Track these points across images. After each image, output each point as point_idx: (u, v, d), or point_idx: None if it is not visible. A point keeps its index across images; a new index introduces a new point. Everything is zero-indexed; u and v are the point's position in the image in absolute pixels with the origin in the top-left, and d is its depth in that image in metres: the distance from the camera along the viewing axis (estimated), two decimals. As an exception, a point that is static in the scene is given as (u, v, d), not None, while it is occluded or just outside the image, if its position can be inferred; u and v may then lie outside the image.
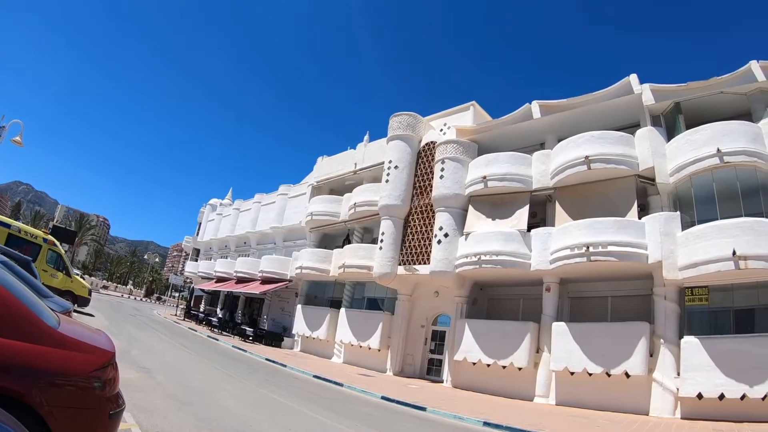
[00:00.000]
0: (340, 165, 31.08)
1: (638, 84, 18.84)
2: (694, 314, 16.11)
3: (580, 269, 17.93)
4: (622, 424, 13.95)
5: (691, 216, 16.91)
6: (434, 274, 21.48)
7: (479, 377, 20.01)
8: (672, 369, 15.72)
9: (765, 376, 13.99)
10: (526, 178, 20.57)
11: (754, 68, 17.22)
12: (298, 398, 13.50)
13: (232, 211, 43.61)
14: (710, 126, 16.75)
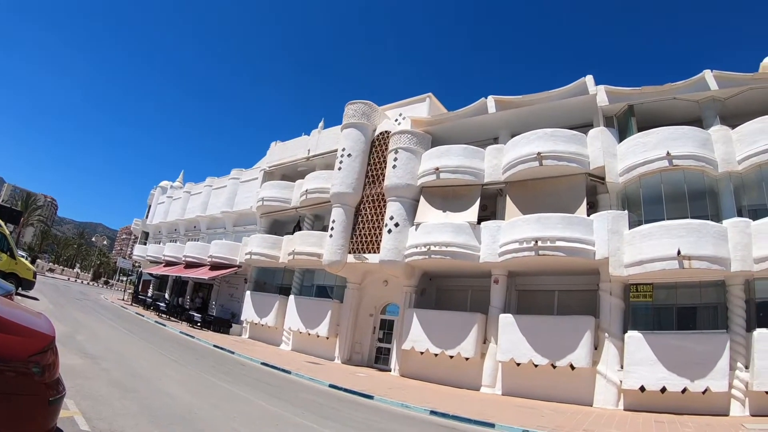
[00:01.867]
0: (294, 151, 29.83)
1: (593, 85, 18.76)
2: (638, 310, 16.37)
3: (528, 263, 17.79)
4: (566, 415, 13.90)
5: (638, 215, 17.12)
6: (384, 263, 20.82)
7: (427, 366, 19.63)
8: (616, 362, 15.89)
9: (705, 371, 14.35)
10: (479, 171, 20.17)
11: (707, 77, 17.58)
12: (245, 385, 13.12)
13: (183, 194, 41.55)
14: (662, 130, 17.03)
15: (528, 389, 17.00)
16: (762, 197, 16.28)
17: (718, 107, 17.90)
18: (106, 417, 7.39)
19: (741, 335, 14.96)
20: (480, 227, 19.15)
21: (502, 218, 19.23)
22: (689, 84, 17.85)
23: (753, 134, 16.40)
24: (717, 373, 14.35)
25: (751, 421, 13.35)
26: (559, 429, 11.76)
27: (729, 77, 17.64)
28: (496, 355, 17.69)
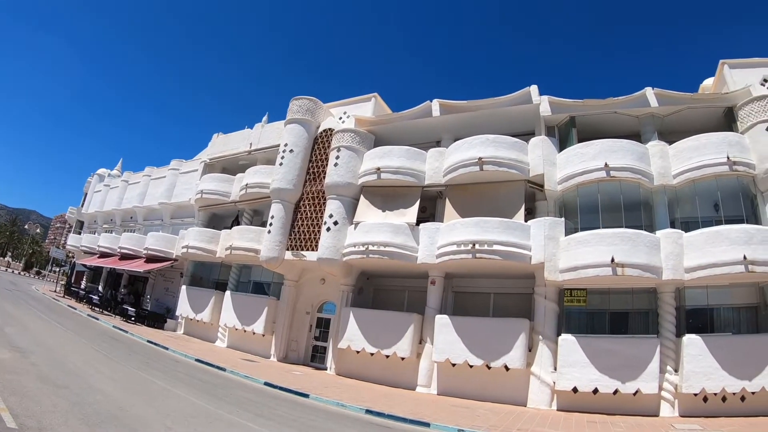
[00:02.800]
0: (236, 144, 28.51)
1: (538, 95, 18.99)
2: (572, 314, 16.66)
3: (465, 265, 17.66)
4: (501, 414, 13.92)
5: (575, 223, 17.37)
6: (321, 261, 20.14)
7: (363, 365, 19.22)
8: (549, 364, 16.12)
9: (637, 373, 14.85)
10: (419, 173, 19.88)
11: (648, 94, 18.25)
12: (179, 382, 12.83)
13: (121, 183, 39.14)
14: (601, 141, 17.44)
15: (463, 389, 16.94)
16: (694, 210, 16.94)
17: (657, 123, 18.53)
18: (35, 414, 7.20)
19: (671, 340, 15.57)
20: (419, 228, 18.89)
21: (441, 220, 19.05)
22: (630, 99, 18.39)
23: (689, 151, 17.09)
24: (648, 376, 14.86)
25: (680, 422, 13.90)
26: (493, 428, 11.77)
27: (669, 95, 18.29)
28: (432, 355, 17.49)
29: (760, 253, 15.10)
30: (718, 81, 20.17)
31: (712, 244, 15.50)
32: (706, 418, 14.34)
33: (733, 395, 14.69)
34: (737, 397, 14.74)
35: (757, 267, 14.90)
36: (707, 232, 15.85)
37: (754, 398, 14.69)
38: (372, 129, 22.07)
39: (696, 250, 15.71)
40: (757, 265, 14.92)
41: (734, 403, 14.82)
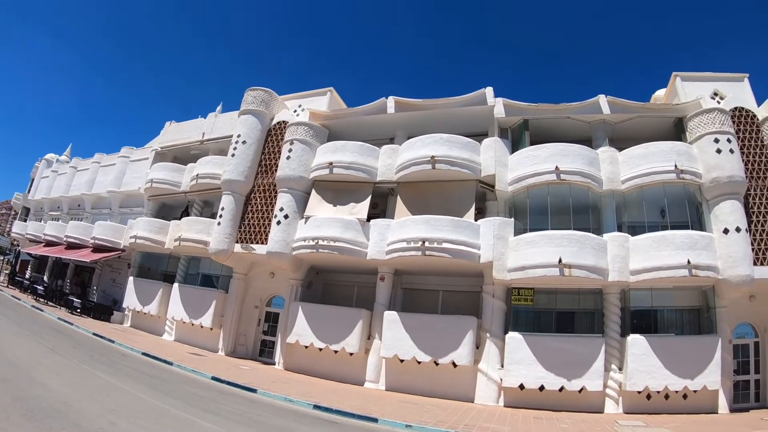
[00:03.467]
0: (188, 133, 27.26)
1: (492, 97, 18.99)
2: (519, 312, 17.03)
3: (414, 262, 17.44)
4: (448, 410, 13.95)
5: (524, 223, 17.43)
6: (271, 255, 19.43)
7: (311, 361, 18.75)
8: (497, 361, 16.31)
9: (582, 371, 15.24)
10: (372, 169, 19.50)
11: (601, 101, 18.59)
12: (125, 377, 12.52)
13: (69, 170, 36.99)
14: (553, 145, 17.57)
15: (411, 385, 16.87)
16: (641, 215, 17.32)
17: (608, 130, 18.85)
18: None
19: (616, 340, 15.98)
20: (369, 224, 18.52)
21: (392, 217, 18.74)
22: (584, 106, 18.64)
23: (638, 158, 17.46)
24: (593, 374, 15.25)
25: (624, 418, 14.32)
26: (441, 424, 11.81)
27: (621, 104, 18.60)
28: (380, 351, 17.29)
29: (704, 258, 15.67)
30: (670, 92, 20.66)
31: (658, 248, 15.96)
32: (650, 415, 14.88)
33: (676, 393, 15.26)
34: (680, 395, 15.31)
35: (700, 271, 15.48)
36: (653, 237, 16.28)
37: (695, 396, 15.30)
38: (326, 123, 21.46)
39: (642, 254, 16.16)
40: (700, 270, 15.50)
41: (677, 400, 15.37)
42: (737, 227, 16.20)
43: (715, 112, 17.56)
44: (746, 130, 18.10)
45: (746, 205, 16.95)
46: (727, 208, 16.53)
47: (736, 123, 18.05)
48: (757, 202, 17.25)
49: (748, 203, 17.09)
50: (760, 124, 18.20)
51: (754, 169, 17.59)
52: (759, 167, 17.65)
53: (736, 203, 16.56)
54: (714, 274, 15.72)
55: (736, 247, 15.99)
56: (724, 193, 16.64)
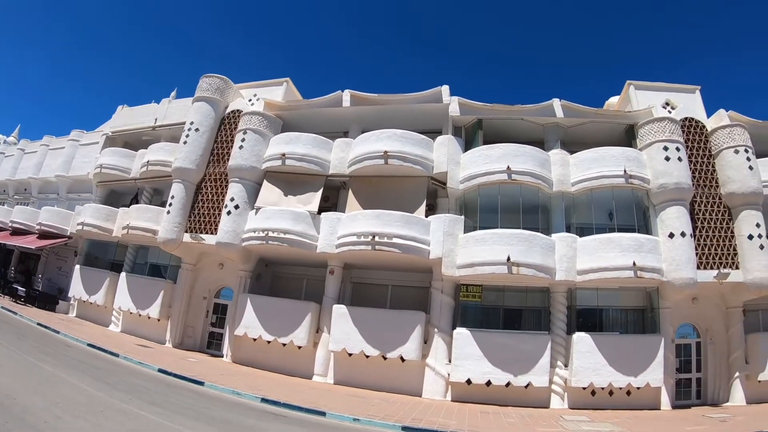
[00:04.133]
0: (140, 118, 26.21)
1: (448, 95, 19.01)
2: (467, 308, 17.03)
3: (364, 256, 17.32)
4: (396, 404, 14.01)
5: (474, 221, 17.47)
6: (220, 245, 18.90)
7: (260, 353, 18.40)
8: (444, 356, 16.41)
9: (528, 367, 15.54)
10: (325, 162, 19.23)
11: (555, 105, 18.83)
12: (70, 369, 12.20)
13: (16, 152, 35.06)
14: (505, 145, 17.68)
15: (359, 379, 16.82)
16: (590, 217, 17.67)
17: (560, 133, 19.11)
18: None
19: (562, 337, 16.33)
20: (320, 217, 18.29)
21: (343, 211, 18.52)
22: (538, 108, 18.87)
23: (589, 162, 17.80)
24: (539, 370, 15.55)
25: (569, 414, 14.79)
26: (388, 418, 11.86)
27: (575, 108, 18.92)
28: (329, 344, 17.16)
29: (649, 260, 16.12)
30: (623, 99, 21.14)
31: (605, 250, 16.36)
32: (594, 411, 15.32)
33: (620, 390, 15.74)
34: (623, 391, 15.79)
35: (645, 273, 15.95)
36: (600, 238, 16.66)
37: (639, 393, 15.79)
38: (281, 114, 21.00)
39: (589, 254, 16.55)
40: (645, 272, 15.96)
41: (621, 397, 15.85)
42: (682, 232, 16.62)
43: (666, 121, 18.02)
44: (695, 140, 18.67)
45: (692, 212, 17.49)
46: (673, 214, 16.96)
47: (685, 132, 18.62)
48: (703, 209, 17.75)
49: (693, 210, 17.61)
50: (709, 134, 18.86)
51: (700, 177, 18.13)
52: (706, 176, 18.19)
53: (682, 209, 17.02)
54: (658, 276, 16.17)
55: (680, 251, 16.45)
56: (670, 199, 17.09)
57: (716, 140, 18.55)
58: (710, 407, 16.75)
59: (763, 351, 17.23)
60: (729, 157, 18.06)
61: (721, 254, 17.34)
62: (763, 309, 19.06)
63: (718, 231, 17.60)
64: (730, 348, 17.60)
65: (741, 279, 16.99)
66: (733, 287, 17.33)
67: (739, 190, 17.56)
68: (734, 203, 17.78)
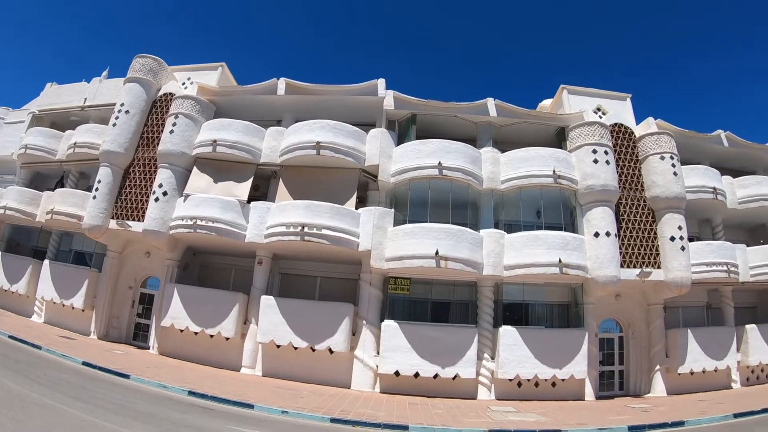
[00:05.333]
0: (69, 97, 24.71)
1: (384, 89, 18.98)
2: (396, 301, 17.14)
3: (293, 247, 17.07)
4: (324, 396, 14.05)
5: (404, 215, 17.57)
6: (147, 233, 18.12)
7: (187, 345, 17.82)
8: (373, 348, 16.54)
9: (456, 359, 15.83)
10: (256, 150, 18.79)
11: (489, 104, 19.10)
12: None
13: (-63, 128, 33.32)
14: (438, 141, 17.84)
15: (288, 371, 16.66)
16: (518, 215, 18.07)
17: (493, 131, 19.38)
18: None
19: (489, 330, 16.69)
20: (250, 207, 17.86)
21: (273, 200, 18.19)
22: (472, 107, 19.11)
23: (519, 160, 18.16)
24: (466, 362, 15.87)
25: (496, 404, 15.22)
26: (317, 410, 11.89)
27: (508, 108, 19.26)
28: (257, 336, 16.88)
29: (574, 258, 16.57)
30: (556, 103, 21.68)
31: (532, 247, 16.74)
32: (521, 401, 15.79)
33: (545, 381, 16.25)
34: (549, 383, 16.32)
35: (570, 270, 16.45)
36: (528, 235, 17.03)
37: (564, 384, 16.35)
38: (214, 99, 20.33)
39: (516, 251, 16.90)
40: (571, 268, 16.43)
41: (546, 388, 16.37)
42: (607, 232, 17.13)
43: (596, 126, 18.63)
44: (623, 145, 19.34)
45: (617, 213, 18.08)
46: (599, 214, 17.48)
47: (614, 137, 19.34)
48: (628, 210, 18.33)
49: (619, 211, 18.19)
50: (637, 140, 19.58)
51: (627, 180, 18.73)
52: (632, 179, 18.82)
53: (607, 210, 17.54)
54: (583, 273, 16.71)
55: (604, 249, 16.97)
56: (597, 200, 17.60)
57: (643, 146, 19.26)
58: (632, 398, 17.51)
59: (682, 345, 18.18)
60: (655, 163, 18.74)
61: (644, 254, 17.95)
62: (682, 306, 20.08)
63: (642, 232, 18.21)
64: (651, 342, 18.39)
65: (662, 278, 17.77)
66: (654, 285, 18.08)
67: (663, 194, 18.26)
68: (658, 206, 18.49)
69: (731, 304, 20.42)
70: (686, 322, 19.84)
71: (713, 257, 18.72)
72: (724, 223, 21.34)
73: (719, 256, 18.81)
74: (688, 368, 17.96)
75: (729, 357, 18.88)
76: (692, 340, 18.28)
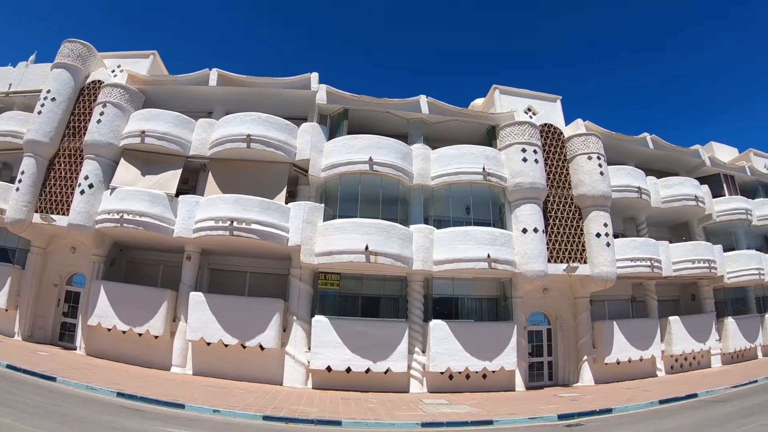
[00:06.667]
0: (-7, 82, 23.56)
1: (317, 83, 18.84)
2: (326, 296, 17.05)
3: (222, 242, 16.75)
4: (257, 394, 13.91)
5: (334, 210, 17.53)
6: (72, 228, 17.31)
7: (115, 345, 17.18)
8: (304, 344, 16.43)
9: (387, 354, 15.98)
10: (186, 142, 18.29)
11: (422, 101, 19.28)
12: None
13: None
14: (369, 137, 17.86)
15: (219, 369, 16.33)
16: (447, 211, 18.28)
17: (424, 128, 19.60)
18: None
19: (419, 324, 16.85)
20: (178, 200, 17.34)
21: (202, 194, 17.73)
22: (404, 103, 19.27)
23: (449, 158, 18.38)
24: (397, 356, 16.04)
25: (428, 397, 15.45)
26: (249, 408, 11.79)
27: (440, 106, 19.50)
28: (186, 334, 16.43)
29: (502, 253, 16.87)
30: (488, 102, 22.19)
31: (461, 242, 16.99)
32: (453, 394, 16.01)
33: (476, 373, 16.59)
34: (480, 375, 16.67)
35: (499, 265, 16.77)
36: (457, 231, 17.28)
37: (495, 376, 16.74)
38: (144, 88, 19.65)
39: (445, 246, 17.11)
40: (499, 263, 16.75)
41: (477, 380, 16.69)
42: (535, 228, 17.59)
43: (526, 125, 19.15)
44: (552, 145, 19.92)
45: (545, 210, 18.58)
46: (527, 211, 17.93)
47: (544, 137, 19.91)
48: (555, 207, 18.85)
49: (547, 208, 18.69)
50: (566, 141, 20.19)
51: (555, 179, 19.28)
52: (560, 178, 19.37)
53: (535, 207, 18.00)
54: (511, 268, 17.16)
55: (532, 245, 17.42)
56: (525, 197, 18.07)
57: (572, 146, 19.90)
58: (561, 387, 18.17)
59: (609, 336, 18.99)
60: (582, 163, 19.38)
61: (571, 250, 18.54)
62: (608, 299, 20.92)
63: (569, 228, 18.82)
64: (579, 334, 19.11)
65: (588, 272, 18.45)
66: (581, 280, 18.75)
67: (590, 193, 18.90)
68: (585, 204, 19.14)
69: (655, 297, 21.45)
70: (612, 315, 20.71)
71: (637, 253, 19.57)
72: (648, 221, 22.37)
73: (643, 252, 19.68)
74: (615, 358, 18.80)
75: (653, 347, 19.90)
76: (618, 332, 19.12)
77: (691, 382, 17.90)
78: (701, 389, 16.18)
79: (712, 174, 25.08)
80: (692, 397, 15.24)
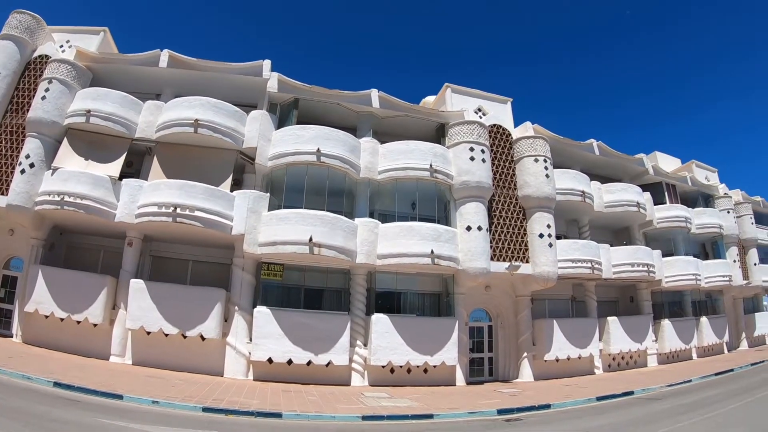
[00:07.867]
0: (-69, 53, 22.33)
1: (269, 70, 18.68)
2: (269, 287, 16.95)
3: (165, 228, 16.43)
4: (197, 385, 13.74)
5: (279, 200, 17.46)
6: (11, 209, 16.54)
7: (53, 332, 16.55)
8: (245, 335, 16.29)
9: (329, 346, 16.04)
10: (132, 124, 17.77)
11: (373, 95, 19.51)
12: None
13: None
14: (318, 128, 17.79)
15: (159, 359, 15.99)
16: (393, 205, 18.46)
17: (374, 122, 19.68)
18: None
19: (361, 317, 16.95)
20: (121, 184, 16.82)
21: (146, 178, 17.24)
22: (355, 96, 19.28)
23: (398, 153, 18.50)
24: (339, 349, 16.15)
25: (370, 390, 15.62)
26: (188, 399, 11.70)
27: (391, 101, 19.60)
28: (126, 322, 16.00)
29: (446, 249, 17.13)
30: (439, 100, 22.46)
31: (405, 237, 17.16)
32: (394, 387, 16.18)
33: (418, 368, 16.82)
34: (421, 369, 16.90)
35: (442, 261, 17.02)
36: (402, 226, 17.43)
37: (436, 370, 17.02)
38: (92, 66, 18.98)
39: (390, 240, 17.26)
40: (442, 260, 17.00)
41: (419, 374, 16.93)
42: (479, 226, 17.94)
43: (475, 125, 19.46)
44: (500, 146, 20.33)
45: (490, 209, 18.97)
46: (472, 209, 18.24)
47: (492, 138, 20.31)
48: (500, 207, 19.26)
49: (492, 207, 19.07)
50: (514, 142, 20.64)
51: (501, 179, 19.69)
52: (506, 178, 19.80)
53: (480, 205, 18.35)
54: (454, 265, 17.46)
55: (476, 243, 17.77)
56: (471, 196, 18.38)
57: (519, 148, 20.36)
58: (502, 383, 18.66)
59: (549, 334, 19.66)
60: (528, 164, 19.88)
61: (514, 249, 19.02)
62: (549, 298, 21.57)
63: (513, 228, 19.29)
64: (519, 331, 19.66)
65: (530, 271, 18.98)
66: (523, 278, 19.27)
67: (535, 194, 19.41)
68: (529, 205, 19.65)
69: (594, 298, 22.23)
70: (552, 313, 21.41)
71: (579, 254, 20.23)
72: (591, 224, 23.11)
73: (584, 254, 20.34)
74: (554, 355, 19.47)
75: (592, 346, 20.67)
76: (558, 330, 19.78)
77: (628, 381, 18.69)
78: (638, 387, 16.95)
79: (655, 182, 26.09)
80: (629, 395, 15.97)
